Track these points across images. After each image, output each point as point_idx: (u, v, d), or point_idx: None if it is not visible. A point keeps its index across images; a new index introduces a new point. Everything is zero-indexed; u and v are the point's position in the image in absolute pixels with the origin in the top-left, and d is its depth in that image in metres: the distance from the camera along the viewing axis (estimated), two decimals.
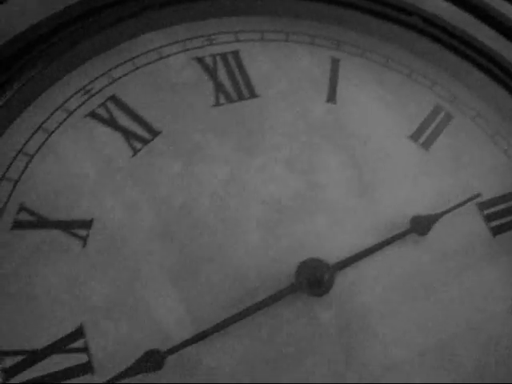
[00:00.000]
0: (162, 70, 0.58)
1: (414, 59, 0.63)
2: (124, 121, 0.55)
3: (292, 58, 0.61)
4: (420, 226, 0.54)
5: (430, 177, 0.58)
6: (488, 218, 0.57)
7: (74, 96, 0.56)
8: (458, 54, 0.60)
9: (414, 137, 0.59)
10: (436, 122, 0.60)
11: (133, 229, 0.52)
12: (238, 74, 0.59)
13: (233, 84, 0.58)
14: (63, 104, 0.55)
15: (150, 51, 0.59)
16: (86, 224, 0.51)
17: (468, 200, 0.57)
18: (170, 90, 0.57)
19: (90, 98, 0.56)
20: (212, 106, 0.57)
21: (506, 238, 0.57)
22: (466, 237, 0.56)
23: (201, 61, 0.59)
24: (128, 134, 0.55)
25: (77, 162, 0.53)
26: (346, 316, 0.51)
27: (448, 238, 0.55)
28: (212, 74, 0.58)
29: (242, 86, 0.58)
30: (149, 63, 0.58)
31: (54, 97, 0.56)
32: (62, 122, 0.55)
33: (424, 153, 0.59)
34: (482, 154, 0.60)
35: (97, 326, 0.48)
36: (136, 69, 0.58)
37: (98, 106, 0.56)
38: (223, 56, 0.60)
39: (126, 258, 0.50)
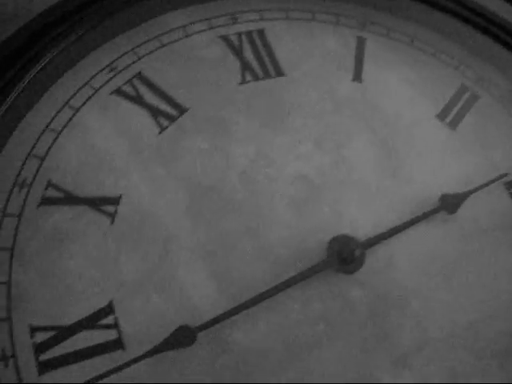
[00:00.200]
0: (188, 48, 0.58)
1: (440, 39, 0.63)
2: (150, 98, 0.55)
3: (317, 38, 0.61)
4: (449, 204, 0.54)
5: (458, 156, 0.57)
6: None
7: (99, 73, 0.55)
8: (485, 34, 0.60)
9: (440, 116, 0.59)
10: (462, 102, 0.60)
11: (161, 205, 0.51)
12: (263, 52, 0.58)
13: (259, 62, 0.58)
14: (89, 81, 0.55)
15: (175, 29, 0.58)
16: (113, 200, 0.51)
17: (495, 179, 0.56)
18: (195, 68, 0.57)
19: (115, 75, 0.55)
20: (238, 83, 0.57)
21: None
22: (494, 215, 0.55)
23: (226, 39, 0.59)
24: (155, 111, 0.54)
25: (104, 139, 0.53)
26: (377, 294, 0.50)
27: (476, 216, 0.55)
28: (238, 53, 0.58)
29: (268, 64, 0.58)
30: (174, 41, 0.58)
31: (79, 74, 0.55)
32: (87, 99, 0.54)
33: (451, 132, 0.58)
34: (509, 133, 0.60)
35: (127, 302, 0.48)
36: (162, 46, 0.57)
37: (124, 84, 0.55)
38: (248, 34, 0.59)
39: (155, 235, 0.50)
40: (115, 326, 0.47)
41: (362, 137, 0.57)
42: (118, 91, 0.55)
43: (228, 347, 0.47)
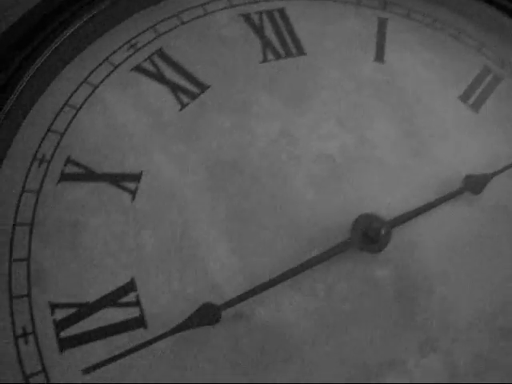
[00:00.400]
0: (208, 26, 0.57)
1: (462, 21, 0.62)
2: (171, 75, 0.54)
3: (338, 18, 0.60)
4: (474, 185, 0.53)
5: (481, 137, 0.56)
6: None
7: (118, 50, 0.55)
8: (508, 15, 0.59)
9: (463, 98, 0.58)
10: (484, 84, 0.59)
11: (183, 182, 0.50)
12: (284, 31, 0.58)
13: (280, 41, 0.57)
14: (108, 58, 0.54)
15: (195, 7, 0.58)
16: (134, 177, 0.50)
17: None
18: (216, 46, 0.56)
19: (135, 52, 0.55)
20: (260, 62, 0.56)
21: None
22: None
23: (247, 18, 0.58)
24: (175, 88, 0.53)
25: (124, 116, 0.52)
26: (402, 274, 0.49)
27: (500, 197, 0.54)
28: (258, 31, 0.57)
29: (290, 43, 0.57)
30: (195, 18, 0.57)
31: (98, 51, 0.54)
32: (107, 76, 0.53)
33: (474, 114, 0.57)
34: None
35: (148, 279, 0.47)
36: (182, 24, 0.57)
37: (144, 60, 0.54)
38: (269, 13, 0.58)
39: (177, 212, 0.49)
40: (137, 303, 0.46)
41: (384, 117, 0.56)
42: (138, 68, 0.54)
43: (252, 326, 0.46)
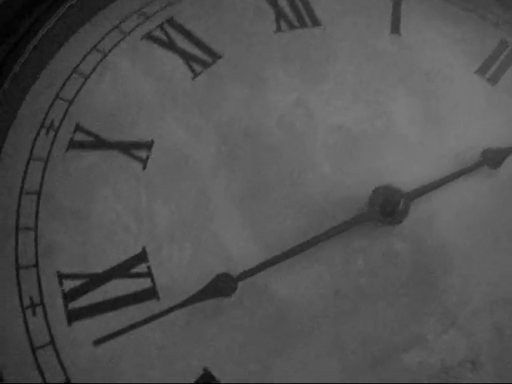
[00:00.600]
0: None
1: None
2: (183, 43, 0.52)
3: None
4: (492, 159, 0.52)
5: (498, 111, 0.55)
6: None
7: (129, 17, 0.53)
8: None
9: (480, 72, 0.56)
10: (502, 58, 0.58)
11: (195, 152, 0.48)
12: (298, 1, 0.56)
13: (294, 11, 0.55)
14: (118, 25, 0.52)
15: None
16: (146, 145, 0.48)
17: None
18: (228, 15, 0.54)
19: (146, 19, 0.53)
20: (274, 32, 0.55)
21: None
22: None
23: None
24: (187, 57, 0.52)
25: (135, 83, 0.50)
26: (421, 248, 0.48)
27: None
28: (272, 1, 0.56)
29: (304, 13, 0.56)
30: None
31: (108, 18, 0.53)
32: (117, 43, 0.52)
33: (491, 88, 0.56)
34: None
35: (160, 250, 0.45)
36: None
37: (155, 28, 0.53)
38: None
39: (190, 182, 0.47)
40: (148, 274, 0.45)
41: (400, 90, 0.54)
42: (149, 36, 0.52)
43: (266, 298, 0.45)
